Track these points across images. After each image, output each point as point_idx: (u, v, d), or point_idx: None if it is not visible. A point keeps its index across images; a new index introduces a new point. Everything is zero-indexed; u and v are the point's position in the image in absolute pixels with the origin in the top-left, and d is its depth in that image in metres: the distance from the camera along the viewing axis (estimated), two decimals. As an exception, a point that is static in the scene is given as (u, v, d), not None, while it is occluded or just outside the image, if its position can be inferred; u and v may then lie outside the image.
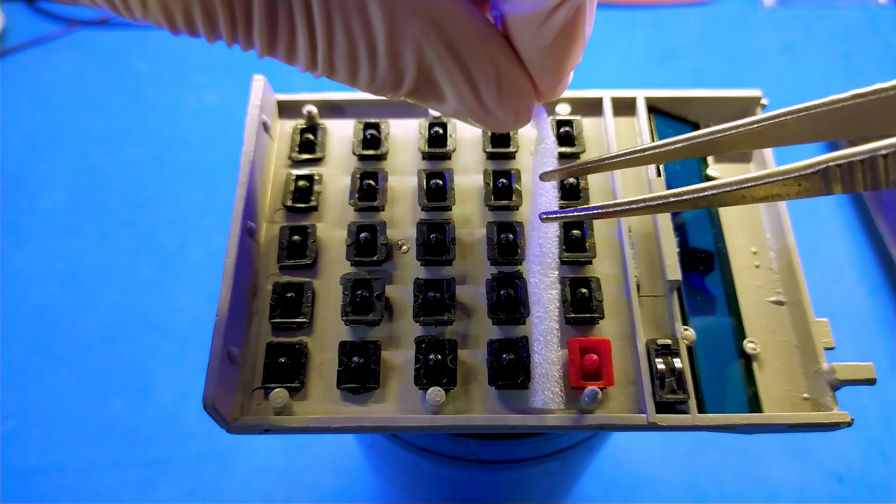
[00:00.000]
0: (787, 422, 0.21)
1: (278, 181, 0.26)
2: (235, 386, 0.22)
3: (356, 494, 0.48)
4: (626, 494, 0.48)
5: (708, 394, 0.22)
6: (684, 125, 0.27)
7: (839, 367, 0.21)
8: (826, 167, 0.14)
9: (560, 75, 0.20)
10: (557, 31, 0.18)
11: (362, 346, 0.22)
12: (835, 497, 0.47)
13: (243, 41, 0.16)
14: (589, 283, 0.23)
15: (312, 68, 0.17)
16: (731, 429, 0.21)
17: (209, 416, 0.20)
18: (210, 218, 0.59)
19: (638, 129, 0.26)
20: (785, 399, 0.22)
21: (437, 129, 0.26)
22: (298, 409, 0.22)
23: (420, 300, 0.23)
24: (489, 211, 0.25)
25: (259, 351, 0.22)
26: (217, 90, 0.66)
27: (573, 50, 0.19)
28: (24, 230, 0.58)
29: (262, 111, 0.25)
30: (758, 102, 0.26)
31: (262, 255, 0.24)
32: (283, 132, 0.27)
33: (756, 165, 0.27)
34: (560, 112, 0.26)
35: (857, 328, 0.54)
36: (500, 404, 0.22)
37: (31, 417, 0.50)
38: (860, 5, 0.74)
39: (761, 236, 0.25)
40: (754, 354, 0.23)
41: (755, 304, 0.24)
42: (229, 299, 0.21)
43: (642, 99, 0.26)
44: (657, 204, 0.18)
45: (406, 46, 0.17)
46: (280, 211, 0.25)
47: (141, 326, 0.53)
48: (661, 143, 0.19)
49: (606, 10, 0.73)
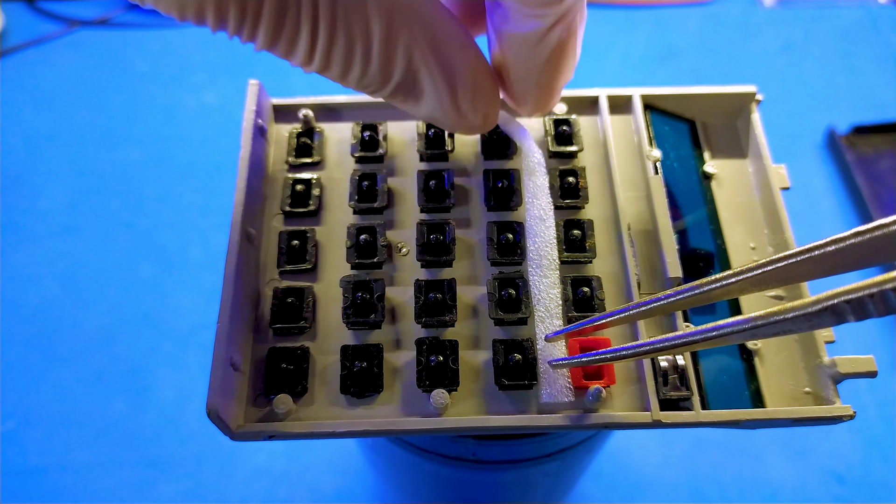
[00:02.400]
0: (790, 416, 0.21)
1: (276, 186, 0.26)
2: (238, 393, 0.21)
3: (356, 495, 0.48)
4: (626, 494, 0.48)
5: (711, 390, 0.22)
6: (680, 122, 0.27)
7: (840, 361, 0.21)
8: (835, 304, 0.14)
9: (552, 91, 0.21)
10: (552, 50, 0.19)
11: (364, 350, 0.22)
12: (835, 497, 0.47)
13: (247, 34, 0.16)
14: (590, 281, 0.23)
15: (307, 63, 0.17)
16: (735, 424, 0.21)
17: (214, 424, 0.20)
18: (210, 218, 0.59)
19: (634, 127, 0.26)
20: (787, 393, 0.22)
21: (435, 130, 0.26)
22: (302, 414, 0.22)
23: (421, 301, 0.23)
24: (489, 211, 0.25)
25: (261, 357, 0.22)
26: (217, 90, 0.66)
27: (566, 68, 0.20)
28: (24, 230, 0.58)
29: (258, 116, 0.25)
30: (752, 98, 0.27)
31: (262, 260, 0.24)
32: (279, 136, 0.27)
33: (753, 161, 0.27)
34: (557, 111, 0.27)
35: (856, 327, 0.54)
36: (505, 405, 0.22)
37: (31, 417, 0.50)
38: (860, 5, 0.74)
39: (759, 231, 0.25)
40: (755, 350, 0.23)
41: (755, 300, 0.24)
42: (230, 307, 0.21)
43: (638, 97, 0.27)
44: (659, 346, 0.17)
45: (399, 48, 0.18)
46: (279, 216, 0.25)
47: (141, 326, 0.53)
48: (660, 299, 0.18)
49: (606, 10, 0.73)
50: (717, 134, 0.28)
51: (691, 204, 0.26)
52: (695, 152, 0.27)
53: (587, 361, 0.20)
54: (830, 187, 0.61)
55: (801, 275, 0.16)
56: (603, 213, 0.25)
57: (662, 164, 0.26)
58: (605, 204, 0.25)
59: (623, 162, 0.26)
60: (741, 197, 0.26)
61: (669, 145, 0.27)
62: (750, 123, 0.26)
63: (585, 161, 0.26)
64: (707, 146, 0.27)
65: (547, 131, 0.26)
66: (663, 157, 0.26)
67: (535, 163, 0.24)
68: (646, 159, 0.25)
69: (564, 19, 0.18)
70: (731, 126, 0.28)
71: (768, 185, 0.25)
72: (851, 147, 0.62)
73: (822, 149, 0.63)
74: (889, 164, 0.61)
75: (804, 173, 0.61)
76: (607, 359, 0.19)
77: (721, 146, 0.27)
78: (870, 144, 0.62)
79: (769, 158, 0.25)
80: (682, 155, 0.27)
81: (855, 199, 0.60)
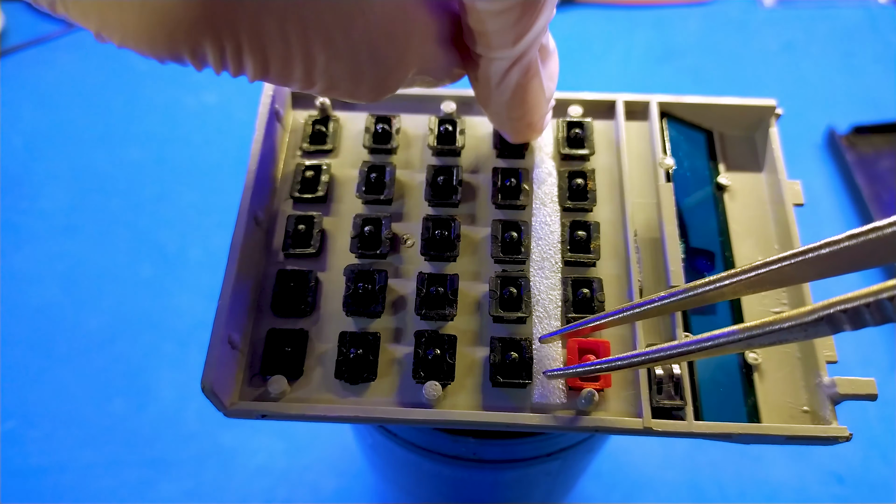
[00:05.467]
0: (784, 433, 0.21)
1: (288, 171, 0.26)
2: (235, 371, 0.22)
3: (356, 495, 0.48)
4: (626, 494, 0.48)
5: (706, 401, 0.22)
6: (697, 132, 0.27)
7: (840, 381, 0.21)
8: (831, 314, 0.14)
9: (527, 124, 0.23)
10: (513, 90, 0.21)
11: (362, 338, 0.22)
12: (835, 497, 0.47)
13: (233, 69, 0.16)
14: (591, 283, 0.23)
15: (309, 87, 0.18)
16: (728, 438, 0.21)
17: (208, 399, 0.20)
18: (210, 218, 0.59)
19: (649, 135, 0.26)
20: (784, 411, 0.22)
21: (447, 126, 0.26)
22: (296, 396, 0.22)
23: (422, 294, 0.23)
24: (495, 209, 0.25)
25: (260, 337, 0.23)
26: (217, 90, 0.66)
27: (533, 104, 0.22)
28: (24, 230, 0.58)
29: (275, 101, 0.25)
30: (772, 112, 0.26)
31: (268, 243, 0.24)
32: (295, 122, 0.27)
33: (767, 175, 0.26)
34: (572, 113, 0.26)
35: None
36: (498, 402, 0.22)
37: (31, 417, 0.50)
38: (860, 5, 0.74)
39: (769, 247, 0.25)
40: (755, 364, 0.23)
41: (759, 315, 0.24)
42: (233, 285, 0.21)
43: (655, 104, 0.26)
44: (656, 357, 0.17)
45: None
46: (287, 200, 0.25)
47: (141, 326, 0.53)
48: (656, 300, 0.18)
49: (606, 10, 0.73)
50: (733, 145, 0.27)
51: (702, 214, 0.25)
52: (710, 163, 0.27)
53: (581, 372, 0.20)
54: (830, 187, 0.61)
55: (796, 277, 0.16)
56: (610, 216, 0.25)
57: (675, 173, 0.25)
58: (613, 208, 0.25)
59: (635, 168, 0.26)
60: (753, 210, 0.26)
61: (684, 154, 0.26)
62: (768, 137, 0.26)
63: (597, 164, 0.26)
64: (723, 157, 0.27)
65: (559, 134, 0.26)
66: (677, 165, 0.26)
67: (546, 173, 0.25)
68: (658, 167, 0.25)
69: (520, 62, 0.20)
70: (748, 138, 0.27)
71: (781, 200, 0.25)
72: (851, 147, 0.62)
73: (822, 149, 0.63)
74: (889, 164, 0.61)
75: (804, 173, 0.61)
76: (602, 369, 0.19)
77: (737, 158, 0.27)
78: (870, 144, 0.62)
79: (784, 173, 0.25)
80: (696, 165, 0.26)
81: (855, 199, 0.60)
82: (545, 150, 0.26)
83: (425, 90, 0.27)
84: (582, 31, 0.72)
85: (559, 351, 0.22)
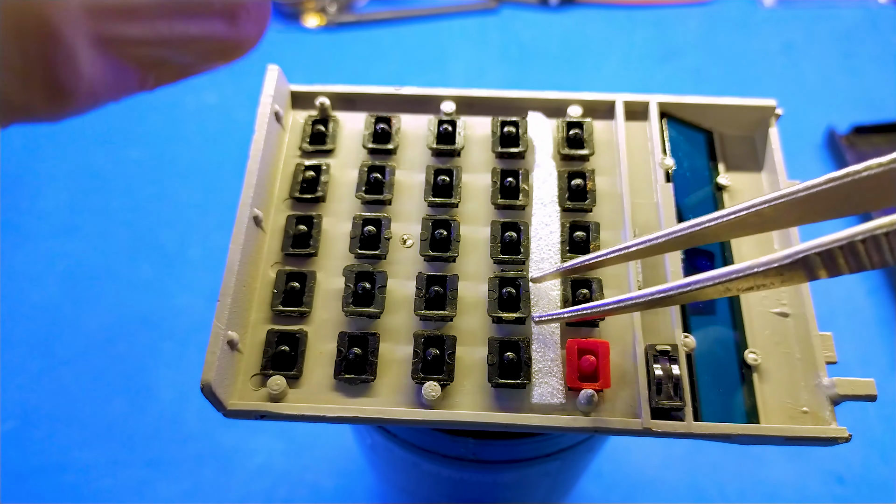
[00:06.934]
0: (783, 434, 0.21)
1: (288, 171, 0.26)
2: (234, 371, 0.22)
3: (356, 495, 0.48)
4: (626, 494, 0.48)
5: (705, 402, 0.22)
6: (697, 132, 0.27)
7: (840, 382, 0.21)
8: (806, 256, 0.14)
9: None
10: None
11: (361, 338, 0.22)
12: (835, 497, 0.47)
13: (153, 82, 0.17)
14: (590, 284, 0.23)
15: None
16: (727, 439, 0.21)
17: (207, 399, 0.20)
18: (210, 218, 0.59)
19: (649, 135, 0.26)
20: (784, 411, 0.22)
21: (447, 127, 0.26)
22: (295, 396, 0.22)
23: (422, 295, 0.23)
24: (495, 210, 0.25)
25: (259, 338, 0.23)
26: (217, 90, 0.66)
27: None
28: (24, 230, 0.58)
29: (275, 101, 0.25)
30: (772, 112, 0.26)
31: (268, 243, 0.24)
32: (295, 123, 0.27)
33: (767, 175, 0.26)
34: (572, 114, 0.26)
35: (857, 328, 0.54)
36: (496, 402, 0.22)
37: (31, 417, 0.50)
38: (860, 5, 0.74)
39: (769, 246, 0.25)
40: (755, 365, 0.23)
41: (759, 315, 0.24)
42: (233, 285, 0.21)
43: (655, 104, 0.26)
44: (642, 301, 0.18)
45: None
46: (287, 200, 0.25)
47: (141, 326, 0.53)
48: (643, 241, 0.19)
49: (606, 9, 0.73)
50: (733, 145, 0.27)
51: (702, 214, 0.25)
52: (709, 163, 0.27)
53: (570, 315, 0.21)
54: (830, 187, 0.61)
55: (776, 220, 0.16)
56: (610, 217, 0.25)
57: (675, 173, 0.25)
58: (613, 208, 0.25)
59: (635, 168, 0.26)
60: None
61: (684, 154, 0.26)
62: (768, 137, 0.26)
63: (596, 164, 0.26)
64: (722, 157, 0.27)
65: (559, 134, 0.26)
66: (677, 165, 0.26)
67: (546, 173, 0.25)
68: (658, 167, 0.25)
69: None
70: (747, 139, 0.27)
71: None
72: (851, 147, 0.62)
73: (822, 149, 0.63)
74: (889, 164, 0.61)
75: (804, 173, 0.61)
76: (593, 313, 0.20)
77: (736, 158, 0.27)
78: (870, 144, 0.62)
79: (784, 173, 0.25)
80: (696, 165, 0.26)
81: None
82: (545, 150, 0.26)
83: (425, 90, 0.27)
84: (582, 31, 0.72)
85: (559, 352, 0.22)
